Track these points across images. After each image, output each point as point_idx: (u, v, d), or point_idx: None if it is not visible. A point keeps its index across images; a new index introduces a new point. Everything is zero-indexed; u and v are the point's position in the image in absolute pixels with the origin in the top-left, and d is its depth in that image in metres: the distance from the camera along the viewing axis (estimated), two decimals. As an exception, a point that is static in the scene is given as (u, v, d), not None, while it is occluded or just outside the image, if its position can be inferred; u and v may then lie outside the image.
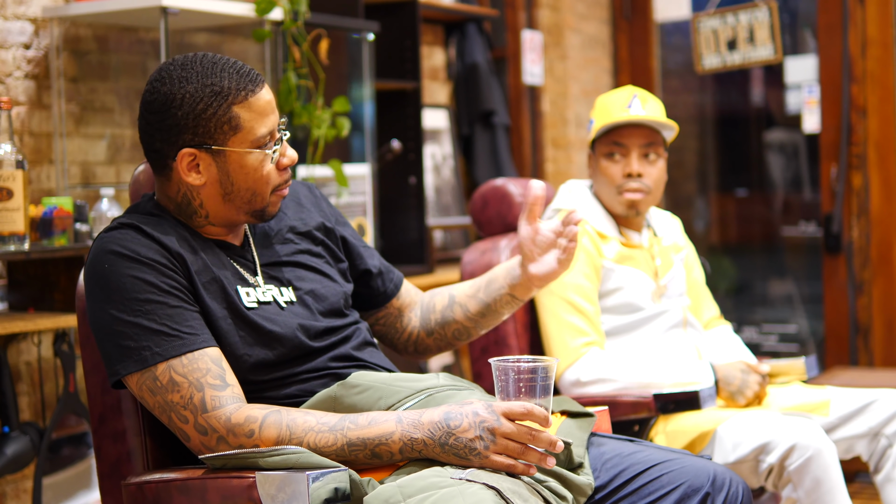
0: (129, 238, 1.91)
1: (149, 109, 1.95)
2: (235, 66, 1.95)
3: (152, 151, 1.98)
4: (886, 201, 4.82)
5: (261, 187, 1.98)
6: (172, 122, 1.92)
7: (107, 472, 2.04)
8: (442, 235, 4.94)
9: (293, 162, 2.01)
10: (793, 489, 2.56)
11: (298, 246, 2.11)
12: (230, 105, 1.92)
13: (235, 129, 1.93)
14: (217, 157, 1.94)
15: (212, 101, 1.91)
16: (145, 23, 3.46)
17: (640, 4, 5.58)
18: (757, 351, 5.07)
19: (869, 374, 4.24)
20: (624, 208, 2.91)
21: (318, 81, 3.65)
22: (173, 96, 1.92)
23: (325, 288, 2.09)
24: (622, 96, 2.92)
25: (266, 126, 1.96)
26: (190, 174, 1.95)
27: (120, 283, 1.88)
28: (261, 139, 1.95)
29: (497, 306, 2.23)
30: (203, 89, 1.91)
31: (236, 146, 1.94)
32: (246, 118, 1.93)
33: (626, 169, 2.89)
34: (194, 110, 1.91)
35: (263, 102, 1.96)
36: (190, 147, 1.93)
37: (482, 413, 1.81)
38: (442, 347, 2.32)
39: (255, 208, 2.00)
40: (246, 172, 1.96)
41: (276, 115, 1.99)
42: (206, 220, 2.00)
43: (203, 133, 1.92)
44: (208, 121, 1.92)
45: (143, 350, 1.87)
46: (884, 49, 4.82)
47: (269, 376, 1.97)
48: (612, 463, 2.03)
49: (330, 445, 1.83)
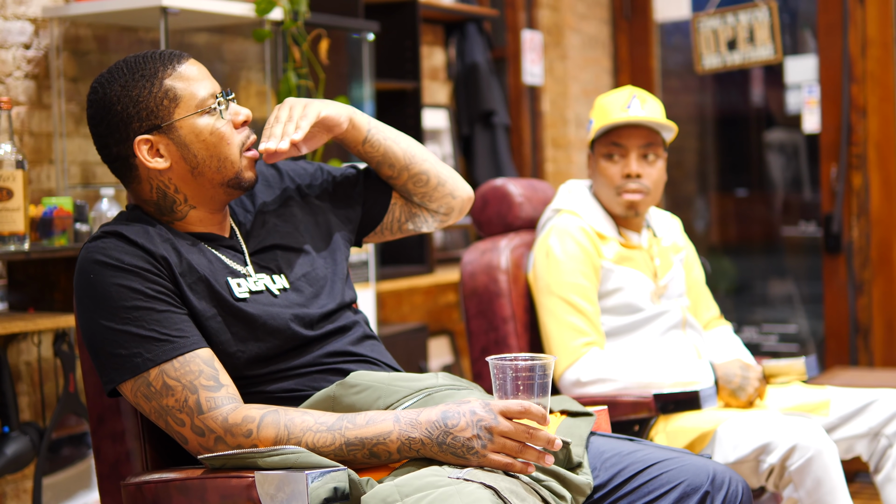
0: (112, 246, 1.92)
1: (93, 122, 1.99)
2: (157, 52, 2.00)
3: (114, 161, 2.00)
4: (886, 201, 4.82)
5: (223, 150, 1.98)
6: (116, 119, 1.95)
7: (106, 473, 2.04)
8: (442, 235, 4.94)
9: (248, 118, 2.02)
10: (794, 489, 2.56)
11: (282, 228, 2.11)
12: (161, 80, 1.96)
13: (175, 100, 1.96)
14: (171, 134, 1.96)
15: (144, 84, 1.95)
16: (145, 23, 3.46)
17: (640, 4, 5.58)
18: (757, 351, 5.08)
19: (869, 374, 4.24)
20: (623, 209, 2.91)
21: (318, 81, 3.65)
22: (108, 97, 1.96)
23: (316, 269, 2.09)
24: (621, 97, 2.92)
25: (204, 88, 1.98)
26: (153, 160, 1.96)
27: (106, 292, 1.89)
28: (203, 101, 1.98)
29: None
30: (132, 79, 1.95)
31: (182, 114, 1.96)
32: (181, 87, 1.97)
33: (625, 170, 2.88)
34: (131, 98, 1.94)
35: (192, 70, 1.99)
36: (141, 134, 1.95)
37: (479, 412, 1.81)
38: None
39: (229, 176, 2.00)
40: (203, 139, 1.97)
41: (212, 81, 2.01)
42: (187, 204, 2.01)
43: (147, 116, 1.95)
44: (147, 102, 1.95)
45: (135, 357, 1.87)
46: (884, 49, 4.82)
47: (265, 370, 1.97)
48: (611, 462, 2.03)
49: (328, 445, 1.83)
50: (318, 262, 2.10)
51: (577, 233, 2.86)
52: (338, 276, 2.13)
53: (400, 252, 4.45)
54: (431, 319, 4.95)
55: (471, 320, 2.96)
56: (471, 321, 2.96)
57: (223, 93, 2.01)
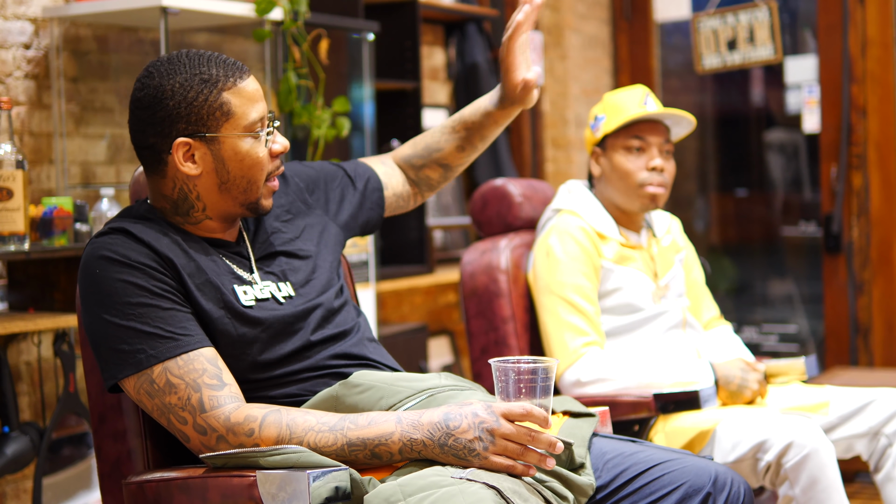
0: (118, 242, 1.92)
1: (139, 105, 1.96)
2: (221, 57, 1.98)
3: (145, 148, 1.98)
4: (886, 201, 4.82)
5: (255, 174, 1.98)
6: (164, 113, 1.93)
7: (107, 472, 2.04)
8: (442, 235, 4.94)
9: (286, 149, 2.03)
10: (789, 487, 2.56)
11: (286, 234, 2.11)
12: (220, 91, 1.94)
13: (227, 115, 1.95)
14: (211, 144, 1.95)
15: (202, 89, 1.93)
16: (145, 23, 3.46)
17: (640, 4, 5.58)
18: (757, 351, 5.08)
19: (869, 374, 4.24)
20: (643, 203, 2.90)
21: (318, 81, 3.65)
22: (163, 88, 1.93)
23: (318, 275, 2.10)
24: (636, 93, 2.92)
25: (257, 111, 1.98)
26: (186, 164, 1.95)
27: (111, 287, 1.88)
28: (252, 124, 1.97)
29: (479, 124, 2.33)
30: (192, 78, 1.93)
31: (229, 132, 1.95)
32: (236, 104, 1.95)
33: (651, 163, 2.89)
34: (185, 99, 1.93)
35: (252, 89, 1.98)
36: (184, 136, 1.94)
37: (481, 414, 1.81)
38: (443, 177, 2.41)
39: (251, 199, 2.00)
40: (240, 159, 1.97)
41: (264, 104, 2.01)
42: (203, 213, 2.00)
43: (196, 121, 1.93)
44: (200, 108, 1.93)
45: (138, 353, 1.87)
46: (884, 49, 4.82)
47: (268, 374, 1.97)
48: (613, 463, 2.03)
49: (330, 445, 1.83)
50: (320, 269, 2.11)
51: (577, 233, 2.86)
52: (339, 280, 2.13)
53: (400, 252, 4.45)
54: (431, 319, 4.96)
55: (471, 320, 2.96)
56: (471, 321, 2.96)
57: (271, 120, 2.01)
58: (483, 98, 2.33)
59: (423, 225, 4.41)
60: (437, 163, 2.37)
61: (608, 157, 2.93)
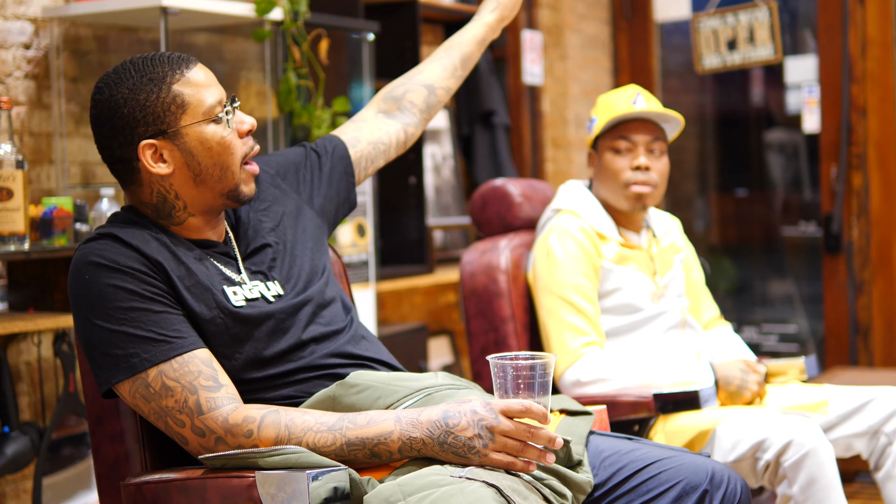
0: (107, 248, 1.92)
1: (98, 122, 1.98)
2: (165, 54, 1.99)
3: (116, 162, 1.99)
4: (886, 201, 4.82)
5: (226, 159, 1.98)
6: (122, 122, 1.94)
7: (105, 473, 2.04)
8: (442, 235, 4.94)
9: (253, 127, 2.02)
10: (788, 485, 2.56)
11: (267, 223, 2.11)
12: (170, 85, 1.95)
13: (182, 106, 1.95)
14: (176, 140, 1.95)
15: (151, 88, 1.94)
16: (145, 23, 3.46)
17: (640, 4, 5.58)
18: (757, 351, 5.07)
19: (869, 374, 4.24)
20: (630, 202, 2.91)
21: (318, 81, 3.65)
22: (115, 99, 1.95)
23: (304, 267, 2.09)
24: (626, 93, 2.93)
25: (212, 96, 1.98)
26: (157, 165, 1.96)
27: (101, 292, 1.88)
28: (210, 109, 1.97)
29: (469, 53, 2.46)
30: (140, 81, 1.94)
31: (189, 122, 1.95)
32: (189, 93, 1.96)
33: (634, 162, 2.89)
34: (138, 102, 1.94)
35: (201, 76, 1.98)
36: (147, 139, 1.94)
37: (480, 411, 1.81)
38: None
39: (229, 187, 2.00)
40: (208, 147, 1.97)
41: (219, 88, 2.00)
42: (185, 211, 2.00)
43: (154, 121, 1.94)
44: (154, 107, 1.94)
45: (132, 357, 1.87)
46: (884, 49, 4.82)
47: (263, 373, 1.97)
48: (610, 461, 2.03)
49: (329, 445, 1.83)
50: (300, 257, 2.10)
51: (577, 233, 2.86)
52: (326, 271, 2.13)
53: (400, 252, 4.45)
54: (431, 319, 4.96)
55: (470, 320, 2.96)
56: (470, 321, 2.96)
57: (230, 100, 2.01)
58: (468, 25, 2.47)
59: (423, 225, 4.41)
60: (420, 84, 2.41)
61: (600, 157, 2.94)
